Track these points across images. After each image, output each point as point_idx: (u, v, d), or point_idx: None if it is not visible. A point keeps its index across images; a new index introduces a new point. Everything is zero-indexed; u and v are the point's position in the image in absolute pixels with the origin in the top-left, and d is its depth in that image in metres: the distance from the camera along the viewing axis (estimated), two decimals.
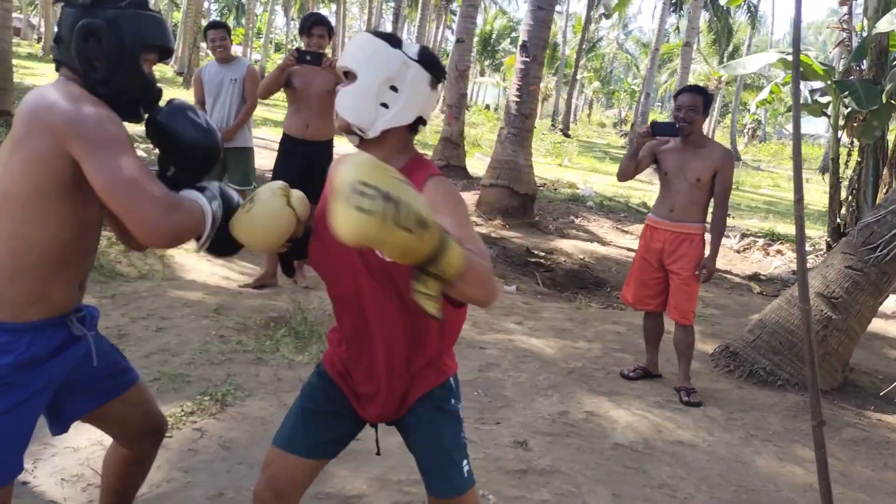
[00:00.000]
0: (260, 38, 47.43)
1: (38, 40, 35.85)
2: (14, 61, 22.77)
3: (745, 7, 35.05)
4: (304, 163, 5.22)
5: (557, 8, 57.41)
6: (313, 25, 5.17)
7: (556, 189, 14.18)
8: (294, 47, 4.86)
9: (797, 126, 2.38)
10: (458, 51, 13.51)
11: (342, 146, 13.94)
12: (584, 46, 41.26)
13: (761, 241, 10.31)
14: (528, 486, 3.10)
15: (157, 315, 4.41)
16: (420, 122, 1.81)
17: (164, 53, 1.85)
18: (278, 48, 63.70)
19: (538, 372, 4.47)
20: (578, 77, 43.98)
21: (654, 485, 3.27)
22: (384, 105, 1.73)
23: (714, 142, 4.37)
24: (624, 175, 4.46)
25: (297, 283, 5.42)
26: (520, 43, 9.75)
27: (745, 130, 50.24)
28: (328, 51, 5.38)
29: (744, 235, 10.62)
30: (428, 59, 1.78)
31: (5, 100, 10.15)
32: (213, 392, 3.45)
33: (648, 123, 4.34)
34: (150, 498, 2.64)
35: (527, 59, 9.52)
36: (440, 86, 1.84)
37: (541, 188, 13.81)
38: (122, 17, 1.73)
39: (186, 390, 3.47)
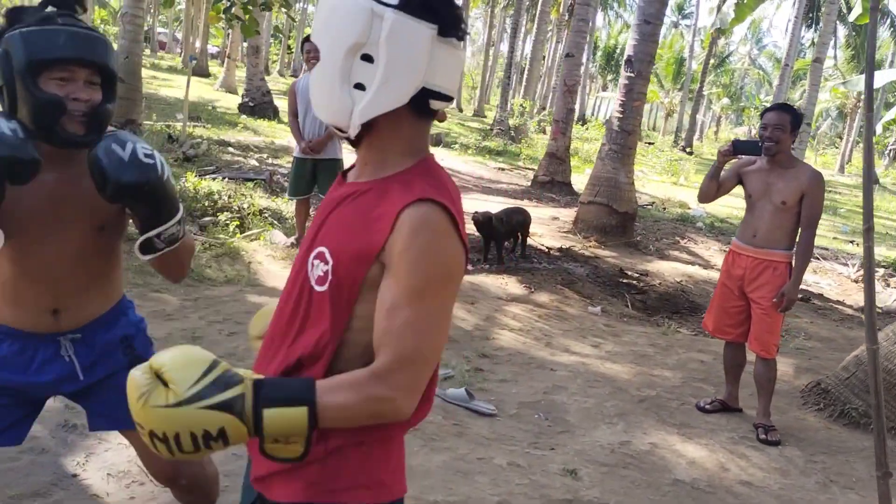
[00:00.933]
0: None
1: (180, 54, 38.08)
2: (154, 73, 24.27)
3: (889, 22, 33.04)
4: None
5: (685, 22, 56.09)
6: None
7: (664, 208, 13.75)
8: None
9: (869, 149, 2.20)
10: (567, 65, 13.37)
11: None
12: (712, 61, 39.97)
13: (882, 271, 9.60)
14: None
15: (233, 320, 4.55)
16: (429, 97, 1.26)
17: (88, 66, 1.70)
18: None
19: (607, 398, 4.31)
20: (706, 93, 42.58)
21: None
22: (359, 86, 1.23)
23: (803, 163, 4.10)
24: (705, 196, 4.26)
25: None
26: (625, 58, 9.54)
27: (887, 152, 47.21)
28: None
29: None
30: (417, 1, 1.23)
31: (134, 110, 10.79)
32: None
33: (730, 141, 4.13)
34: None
35: (631, 75, 9.29)
36: (454, 39, 1.26)
37: (648, 206, 13.45)
38: (10, 38, 1.65)
39: None
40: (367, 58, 1.21)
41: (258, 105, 17.38)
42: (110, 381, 1.97)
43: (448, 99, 1.28)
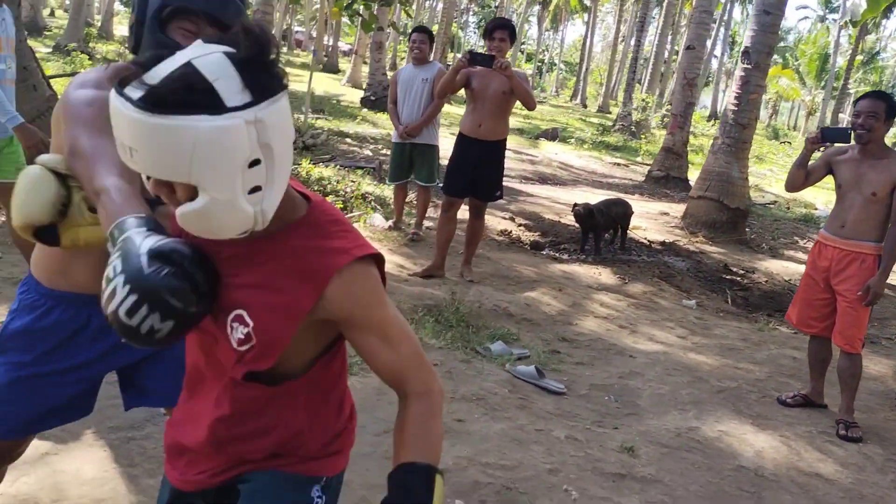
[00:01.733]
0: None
1: (314, 51, 39.61)
2: (288, 69, 25.54)
3: None
4: (476, 161, 5.42)
5: (832, 16, 52.87)
6: (495, 29, 5.28)
7: (788, 208, 13.19)
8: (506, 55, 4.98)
9: None
10: (687, 58, 13.06)
11: (515, 145, 13.99)
12: (859, 58, 37.65)
13: None
14: (621, 490, 3.04)
15: None
16: None
17: (215, 24, 1.65)
18: (529, 58, 65.17)
19: (684, 386, 4.29)
20: (851, 91, 40.20)
21: None
22: (254, 189, 1.14)
23: None
24: (791, 185, 4.16)
25: (462, 276, 5.64)
26: (741, 49, 9.26)
27: None
28: (508, 55, 5.51)
29: None
30: (244, 62, 1.10)
31: None
32: None
33: (819, 128, 4.01)
34: None
35: (748, 66, 9.01)
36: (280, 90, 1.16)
37: (770, 206, 12.95)
38: None
39: None
40: (256, 162, 1.12)
41: (379, 99, 17.90)
42: (163, 352, 1.83)
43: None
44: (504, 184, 5.77)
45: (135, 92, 1.06)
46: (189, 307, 1.16)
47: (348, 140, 11.96)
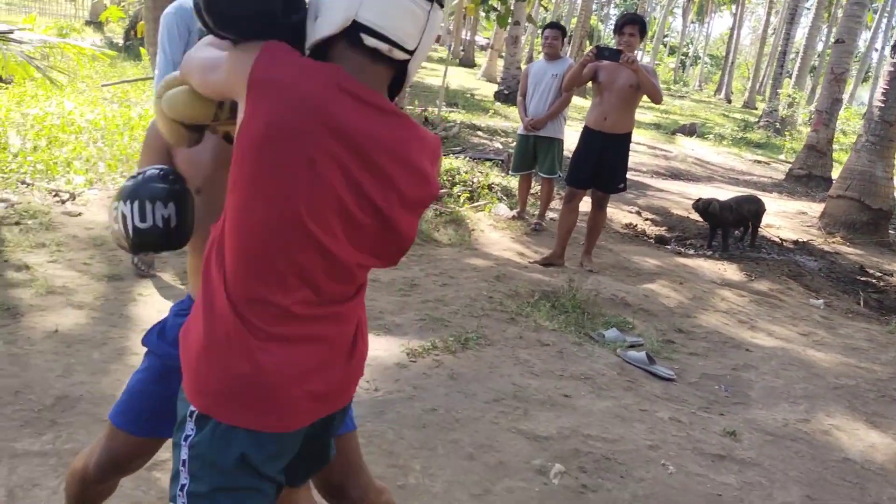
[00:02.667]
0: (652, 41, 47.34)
1: (451, 45, 40.29)
2: (425, 64, 26.02)
3: None
4: (600, 153, 5.56)
5: None
6: (625, 24, 5.38)
7: None
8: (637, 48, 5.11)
9: None
10: (836, 52, 12.52)
11: (650, 140, 13.79)
12: None
13: None
14: (718, 469, 3.16)
15: (447, 274, 5.15)
16: (361, 31, 1.30)
17: None
18: (672, 51, 63.34)
19: (798, 381, 4.30)
20: None
21: (865, 501, 3.09)
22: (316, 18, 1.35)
23: None
24: None
25: (582, 266, 5.80)
26: (892, 42, 8.83)
27: None
28: (649, 47, 5.60)
29: None
30: None
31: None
32: (461, 336, 4.04)
33: None
34: (381, 400, 3.29)
35: None
36: None
37: None
38: None
39: (441, 331, 4.11)
40: None
41: (512, 93, 18.11)
42: None
43: (385, 40, 1.30)
44: (634, 178, 5.91)
45: None
46: (174, 185, 1.54)
47: (480, 133, 12.26)
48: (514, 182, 8.06)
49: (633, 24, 5.37)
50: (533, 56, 32.90)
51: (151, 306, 3.95)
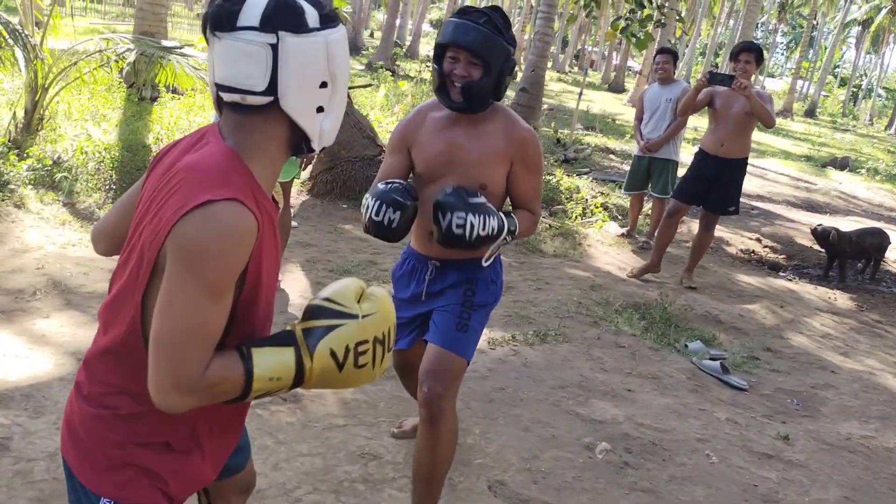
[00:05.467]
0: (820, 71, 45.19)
1: (584, 69, 40.33)
2: (568, 88, 26.25)
3: None
4: (714, 176, 5.71)
5: None
6: (741, 52, 5.50)
7: None
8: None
9: None
10: None
11: (796, 171, 13.26)
12: None
13: None
14: (761, 465, 3.36)
15: (544, 280, 5.53)
16: (219, 91, 1.32)
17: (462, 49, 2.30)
18: (843, 83, 60.05)
19: (877, 403, 4.35)
20: None
21: None
22: (319, 109, 1.35)
23: None
24: None
25: (682, 283, 6.00)
26: None
27: None
28: (753, 77, 5.72)
29: None
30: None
31: (533, 116, 12.38)
32: (540, 331, 4.42)
33: None
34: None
35: None
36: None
37: None
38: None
39: (524, 327, 4.51)
40: (324, 85, 1.33)
41: None
42: (444, 309, 2.48)
43: (233, 90, 1.30)
44: (764, 207, 5.99)
45: None
46: (406, 200, 2.30)
47: (612, 156, 12.48)
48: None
49: (749, 52, 5.50)
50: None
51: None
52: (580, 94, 13.21)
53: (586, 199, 7.95)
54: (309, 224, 6.15)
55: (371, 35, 38.14)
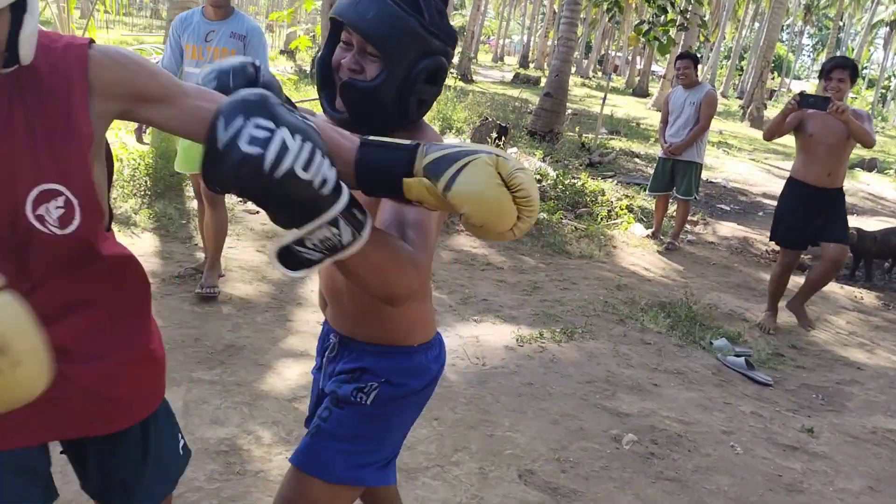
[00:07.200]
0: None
1: (608, 74, 40.31)
2: (592, 92, 26.30)
3: None
4: (824, 210, 5.15)
5: None
6: (833, 69, 4.88)
7: None
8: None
9: None
10: None
11: (785, 168, 13.16)
12: None
13: None
14: (786, 456, 3.43)
15: (570, 280, 5.61)
16: None
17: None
18: (871, 84, 59.43)
19: None
20: None
21: None
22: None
23: None
24: None
25: (804, 326, 5.52)
26: None
27: None
28: (848, 98, 5.39)
29: None
30: None
31: (557, 121, 12.46)
32: (567, 329, 4.51)
33: None
34: (486, 372, 3.84)
35: None
36: None
37: None
38: None
39: (552, 324, 4.60)
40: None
41: None
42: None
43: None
44: None
45: None
46: None
47: (637, 160, 12.54)
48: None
49: (843, 69, 4.86)
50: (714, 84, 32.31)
51: (307, 286, 4.73)
52: (604, 98, 13.26)
53: (611, 202, 8.04)
54: None
55: None
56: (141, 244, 5.03)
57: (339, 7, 1.41)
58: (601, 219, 7.43)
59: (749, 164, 14.61)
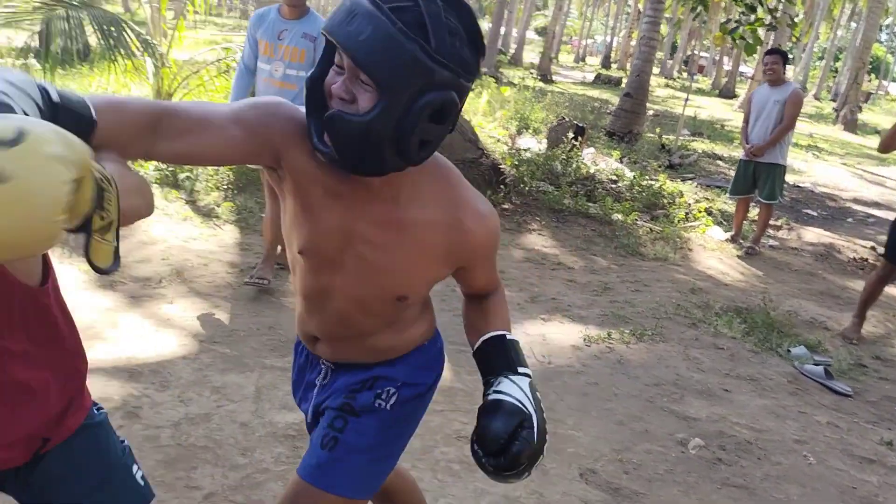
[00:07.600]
0: None
1: (692, 75, 39.32)
2: (676, 93, 25.81)
3: None
4: None
5: None
6: None
7: None
8: None
9: None
10: None
11: (876, 173, 12.53)
12: None
13: None
14: (862, 468, 3.30)
15: (642, 283, 5.53)
16: None
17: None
18: None
19: None
20: None
21: None
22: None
23: None
24: None
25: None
26: None
27: None
28: (876, 81, 5.47)
29: None
30: None
31: (636, 121, 12.27)
32: (637, 331, 4.45)
33: None
34: (552, 371, 3.83)
35: None
36: None
37: None
38: None
39: (621, 325, 4.55)
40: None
41: None
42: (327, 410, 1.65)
43: None
44: (879, 214, 5.43)
45: None
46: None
47: (719, 162, 12.22)
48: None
49: None
50: (805, 88, 31.21)
51: None
52: (686, 99, 12.98)
53: (689, 204, 7.87)
54: None
55: None
56: (223, 235, 5.21)
57: (331, 22, 1.18)
58: (678, 221, 7.29)
59: (840, 169, 14.05)
